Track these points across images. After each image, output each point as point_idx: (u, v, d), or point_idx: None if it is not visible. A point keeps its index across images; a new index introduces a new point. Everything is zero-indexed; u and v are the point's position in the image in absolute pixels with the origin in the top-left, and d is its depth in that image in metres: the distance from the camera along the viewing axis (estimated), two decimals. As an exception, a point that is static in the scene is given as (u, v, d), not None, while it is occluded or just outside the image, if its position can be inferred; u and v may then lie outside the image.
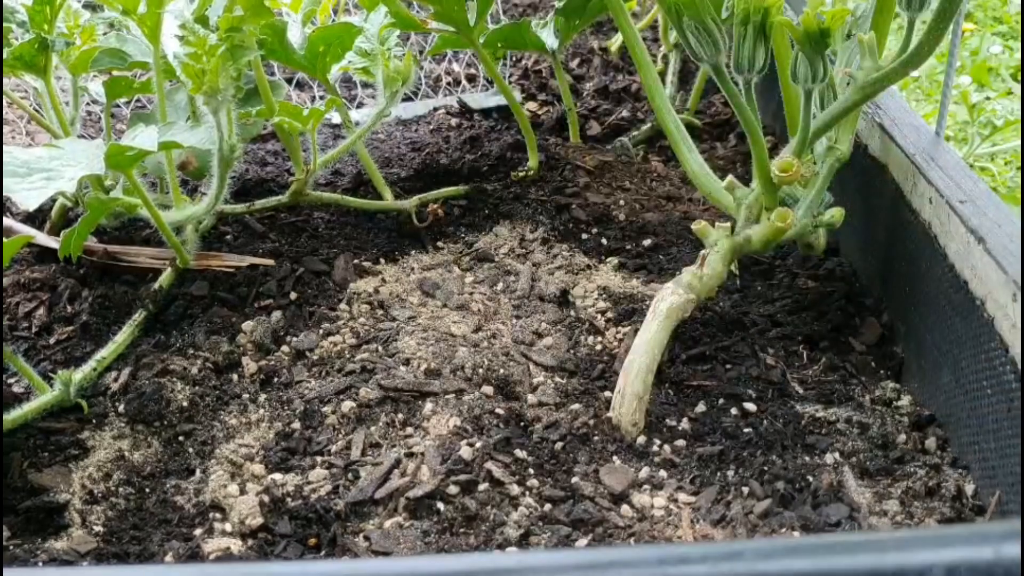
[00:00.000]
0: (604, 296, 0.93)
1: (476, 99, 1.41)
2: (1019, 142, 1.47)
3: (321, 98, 1.42)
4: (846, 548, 0.43)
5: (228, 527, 0.67)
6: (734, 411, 0.78)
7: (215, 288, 0.93)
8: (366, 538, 0.64)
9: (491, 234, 1.05)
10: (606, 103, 1.39)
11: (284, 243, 1.02)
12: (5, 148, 0.73)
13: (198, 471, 0.73)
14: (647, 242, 1.03)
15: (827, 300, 0.92)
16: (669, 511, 0.68)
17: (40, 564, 0.65)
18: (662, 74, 1.37)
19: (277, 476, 0.71)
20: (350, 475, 0.70)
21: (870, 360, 0.86)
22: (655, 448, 0.74)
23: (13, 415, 0.76)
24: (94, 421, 0.78)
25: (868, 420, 0.78)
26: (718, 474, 0.71)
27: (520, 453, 0.71)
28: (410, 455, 0.69)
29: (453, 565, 0.47)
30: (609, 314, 0.90)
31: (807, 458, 0.73)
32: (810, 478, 0.71)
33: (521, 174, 1.13)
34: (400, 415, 0.73)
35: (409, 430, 0.72)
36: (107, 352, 0.84)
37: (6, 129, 1.32)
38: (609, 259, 1.01)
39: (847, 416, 0.78)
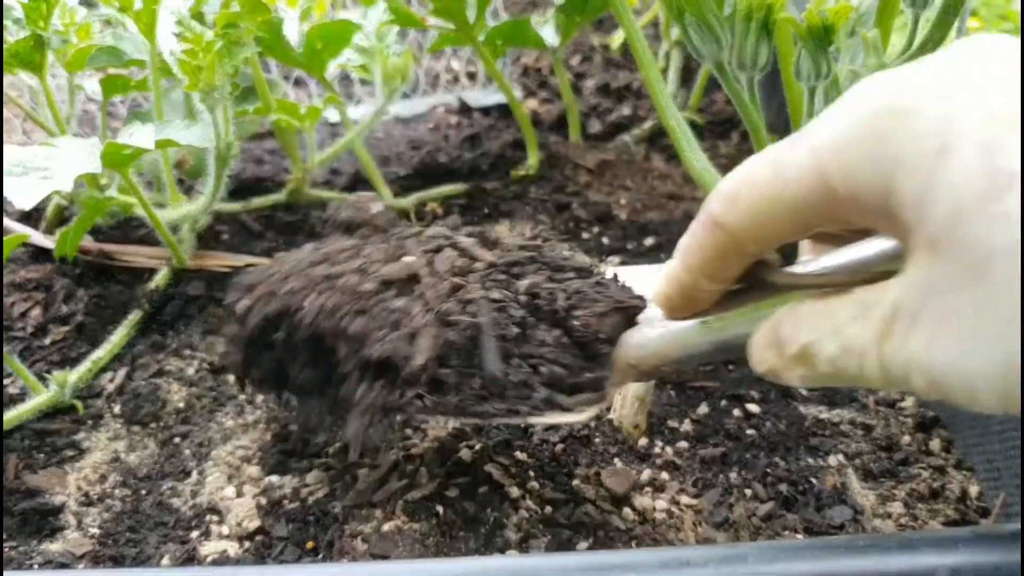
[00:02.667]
0: (605, 295, 0.92)
1: (476, 97, 1.40)
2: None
3: (319, 96, 1.41)
4: (850, 550, 0.42)
5: (225, 530, 0.67)
6: (737, 412, 0.77)
7: (211, 288, 0.92)
8: (364, 541, 0.63)
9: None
10: (607, 101, 1.38)
11: (281, 242, 1.02)
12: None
13: (194, 473, 0.72)
14: (649, 241, 1.03)
15: (830, 299, 0.92)
16: (671, 514, 0.67)
17: (35, 567, 0.65)
18: (664, 71, 1.36)
19: (274, 478, 0.70)
20: (348, 477, 0.69)
21: (873, 360, 0.85)
22: (657, 450, 0.73)
23: (8, 416, 0.75)
24: (90, 422, 0.78)
25: (872, 422, 0.78)
26: (721, 476, 0.71)
27: (520, 455, 0.70)
28: (408, 457, 0.69)
29: (452, 568, 0.46)
30: (610, 314, 0.89)
31: (810, 460, 0.73)
32: (814, 480, 0.70)
33: (521, 173, 1.12)
34: (398, 416, 0.73)
35: (408, 432, 0.71)
36: (103, 353, 0.83)
37: (2, 127, 1.31)
38: (610, 258, 1.00)
39: (851, 418, 0.78)
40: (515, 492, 0.66)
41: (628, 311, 0.55)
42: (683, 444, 0.74)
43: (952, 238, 0.32)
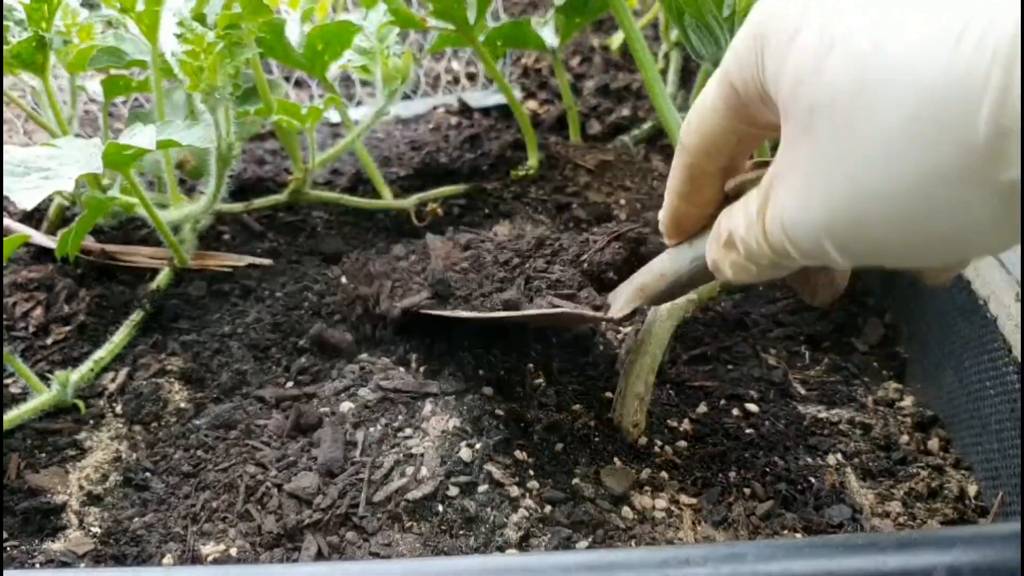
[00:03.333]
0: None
1: (476, 98, 1.40)
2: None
3: (320, 96, 1.41)
4: (848, 549, 0.43)
5: (226, 529, 0.67)
6: (736, 412, 0.78)
7: (213, 288, 0.92)
8: (365, 539, 0.64)
9: (491, 233, 1.04)
10: (607, 101, 1.38)
11: (282, 243, 1.02)
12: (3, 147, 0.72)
13: (196, 472, 0.72)
14: (648, 241, 1.03)
15: (829, 300, 0.92)
16: (670, 512, 0.67)
17: (37, 566, 0.65)
18: (663, 72, 1.37)
19: (276, 479, 0.71)
20: (348, 477, 0.69)
21: (872, 360, 0.86)
22: (656, 449, 0.73)
23: (10, 416, 0.75)
24: (91, 422, 0.78)
25: (871, 421, 0.78)
26: (720, 475, 0.71)
27: (520, 454, 0.70)
28: (409, 456, 0.69)
29: (453, 567, 0.46)
30: (610, 314, 0.89)
31: (809, 459, 0.73)
32: (812, 479, 0.70)
33: (521, 173, 1.13)
34: (399, 416, 0.73)
35: (408, 431, 0.72)
36: (104, 352, 0.83)
37: (3, 128, 1.31)
38: (610, 258, 1.00)
39: (849, 417, 0.78)
40: (515, 491, 0.66)
41: (626, 235, 0.71)
42: (682, 443, 0.74)
43: (794, 102, 0.37)
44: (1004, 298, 0.67)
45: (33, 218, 1.06)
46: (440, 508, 0.65)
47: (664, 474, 0.71)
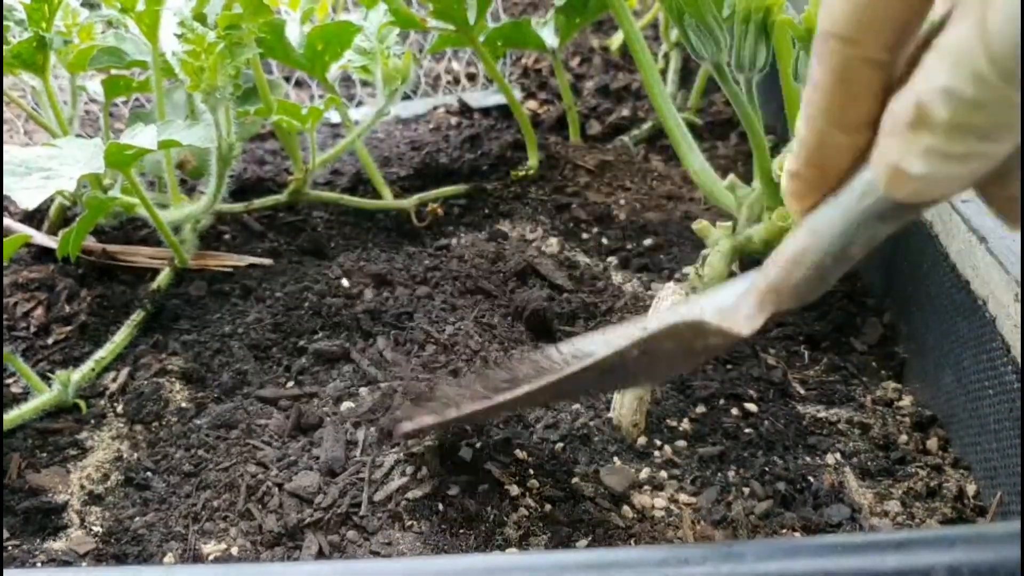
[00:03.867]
0: (604, 295, 0.93)
1: (476, 98, 1.40)
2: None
3: (320, 97, 1.41)
4: (847, 549, 0.43)
5: (226, 527, 0.67)
6: (735, 411, 0.78)
7: (213, 288, 0.93)
8: (365, 538, 0.64)
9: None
10: (607, 102, 1.39)
11: (283, 243, 1.02)
12: (4, 147, 0.73)
13: (196, 472, 0.73)
14: (648, 242, 1.03)
15: (829, 300, 0.92)
16: (670, 512, 0.67)
17: (39, 565, 0.65)
18: (663, 72, 1.37)
19: (276, 478, 0.71)
20: (349, 476, 0.69)
21: (871, 360, 0.86)
22: (656, 449, 0.73)
23: (11, 415, 0.76)
24: (92, 421, 0.78)
25: (869, 421, 0.78)
26: (719, 475, 0.71)
27: (520, 454, 0.70)
28: (409, 456, 0.69)
29: (453, 566, 0.47)
30: (609, 314, 0.90)
31: (808, 459, 0.73)
32: (811, 479, 0.71)
33: (521, 173, 1.13)
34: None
35: (409, 430, 0.72)
36: (105, 352, 0.83)
37: (4, 128, 1.31)
38: (610, 259, 1.01)
39: (848, 416, 0.78)
40: (515, 490, 0.67)
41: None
42: (682, 443, 0.74)
43: None
44: (1003, 298, 0.67)
45: (34, 218, 1.06)
46: (440, 507, 0.65)
47: (663, 473, 0.71)
